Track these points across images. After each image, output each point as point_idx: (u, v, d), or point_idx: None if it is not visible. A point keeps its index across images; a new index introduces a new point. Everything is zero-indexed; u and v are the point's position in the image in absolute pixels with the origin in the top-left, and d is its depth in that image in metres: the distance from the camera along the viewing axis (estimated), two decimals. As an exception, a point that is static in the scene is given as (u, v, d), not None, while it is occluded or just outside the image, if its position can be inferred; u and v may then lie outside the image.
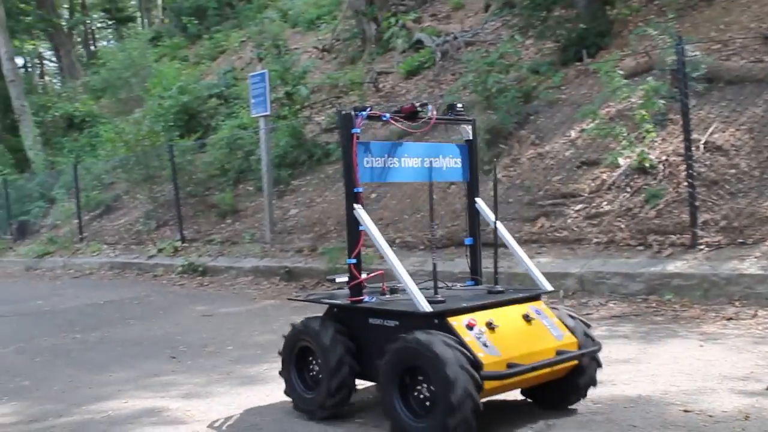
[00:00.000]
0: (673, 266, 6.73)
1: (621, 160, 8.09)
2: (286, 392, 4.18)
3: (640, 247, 7.20)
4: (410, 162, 4.24)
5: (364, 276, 4.04)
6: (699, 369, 4.53)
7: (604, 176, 8.22)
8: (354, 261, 4.04)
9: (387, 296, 4.15)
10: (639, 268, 6.90)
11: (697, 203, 7.00)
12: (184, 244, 12.75)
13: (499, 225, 4.40)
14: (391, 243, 9.21)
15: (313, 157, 12.51)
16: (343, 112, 4.01)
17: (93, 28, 38.10)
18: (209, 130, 15.74)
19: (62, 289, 11.76)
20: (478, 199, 4.51)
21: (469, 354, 3.34)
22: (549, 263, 7.49)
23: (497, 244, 4.40)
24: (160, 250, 12.98)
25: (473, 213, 4.54)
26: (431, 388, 3.38)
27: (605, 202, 7.94)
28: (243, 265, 10.85)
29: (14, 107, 22.74)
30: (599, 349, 3.87)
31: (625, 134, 8.09)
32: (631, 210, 7.63)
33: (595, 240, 7.59)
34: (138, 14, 36.72)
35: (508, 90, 9.72)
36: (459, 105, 4.57)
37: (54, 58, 36.55)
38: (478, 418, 3.33)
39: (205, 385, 4.94)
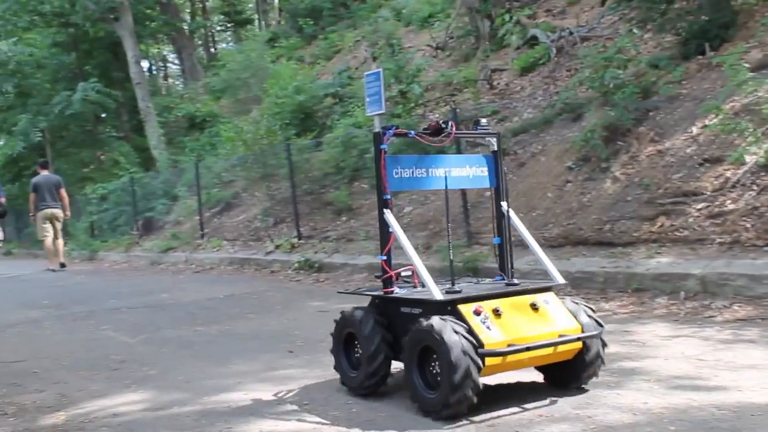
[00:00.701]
0: (803, 267, 6.46)
1: (747, 157, 7.78)
2: (335, 368, 4.75)
3: (768, 248, 6.93)
4: (436, 172, 4.77)
5: (395, 270, 4.68)
6: (832, 375, 4.34)
7: (728, 174, 7.91)
8: (385, 257, 4.61)
9: (418, 288, 4.68)
10: (766, 270, 6.63)
11: (829, 201, 6.69)
12: (301, 241, 13.00)
13: (515, 219, 4.86)
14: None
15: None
16: (374, 131, 4.64)
17: (213, 31, 39.24)
18: (325, 129, 15.99)
19: (185, 283, 12.18)
20: (504, 203, 4.84)
21: (473, 339, 3.84)
22: (669, 263, 7.29)
23: (510, 239, 4.85)
24: (277, 247, 13.27)
25: (500, 215, 4.87)
26: (440, 366, 3.88)
27: (729, 201, 7.65)
28: (358, 262, 10.98)
29: (140, 108, 23.65)
30: (600, 333, 4.24)
31: (751, 130, 7.77)
32: (758, 209, 7.32)
33: (719, 240, 7.33)
34: (255, 17, 37.59)
35: (626, 85, 9.49)
36: (483, 120, 5.15)
37: (177, 61, 37.86)
38: (479, 395, 3.86)
39: (321, 379, 5.03)
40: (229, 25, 39.24)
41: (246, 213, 16.60)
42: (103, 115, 26.91)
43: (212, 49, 37.62)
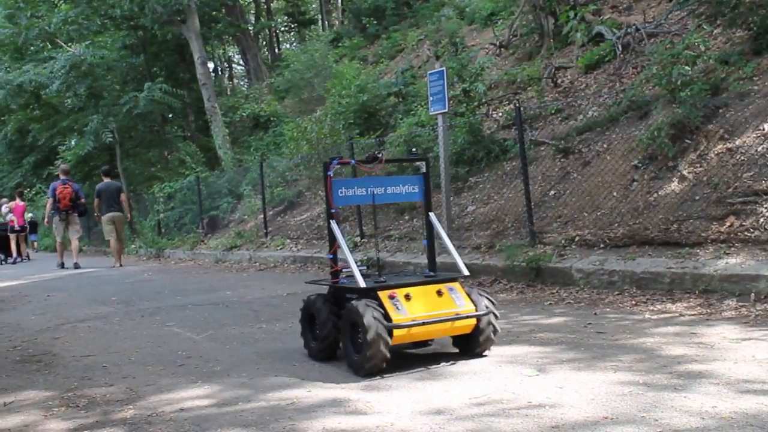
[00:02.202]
0: None
1: (821, 155, 7.57)
2: (303, 338, 6.05)
3: (843, 248, 6.72)
4: (375, 190, 5.90)
5: (343, 265, 5.75)
6: None
7: (802, 172, 7.71)
8: (332, 256, 5.87)
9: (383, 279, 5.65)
10: (841, 270, 6.43)
11: None
12: (363, 240, 13.05)
13: (435, 220, 5.98)
14: (570, 241, 9.07)
15: (490, 154, 12.47)
16: (324, 161, 5.78)
17: (277, 31, 39.63)
18: (388, 128, 16.02)
19: (248, 281, 12.32)
20: (431, 213, 6.00)
21: (383, 312, 5.06)
22: (738, 264, 7.12)
23: (433, 236, 6.07)
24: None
25: (429, 223, 6.04)
26: (361, 334, 5.05)
27: (802, 200, 7.46)
28: (420, 261, 10.95)
29: (206, 109, 24.01)
30: (486, 314, 5.34)
31: (825, 127, 7.56)
32: (832, 208, 7.12)
33: (791, 240, 7.15)
34: (319, 17, 37.86)
35: (694, 82, 9.30)
36: (414, 149, 6.92)
37: (241, 62, 38.34)
38: (388, 353, 5.01)
39: (384, 378, 5.03)
40: (292, 25, 39.65)
41: (309, 212, 16.72)
42: (170, 116, 27.39)
43: (276, 50, 37.98)
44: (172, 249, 20.39)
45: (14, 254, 23.43)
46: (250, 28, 31.58)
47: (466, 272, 5.76)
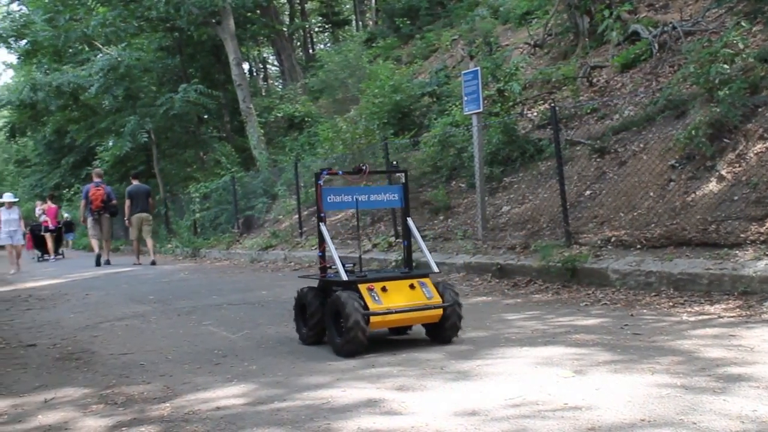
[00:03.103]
0: None
1: None
2: (295, 325, 6.80)
3: None
4: (359, 197, 6.70)
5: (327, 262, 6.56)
6: None
7: (844, 171, 7.58)
8: (321, 254, 6.60)
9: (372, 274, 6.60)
10: None
11: None
12: (398, 240, 13.04)
13: (412, 224, 6.72)
14: (607, 241, 9.00)
15: (525, 154, 12.42)
16: (315, 171, 6.79)
17: (311, 32, 39.76)
18: (422, 128, 16.01)
19: (283, 281, 12.37)
20: (409, 218, 6.76)
21: (361, 301, 5.82)
22: (779, 265, 7.02)
23: (410, 238, 6.82)
24: (374, 245, 13.36)
25: (406, 226, 6.80)
26: (342, 320, 5.81)
27: None
28: (455, 261, 10.96)
29: (241, 109, 24.17)
30: (451, 305, 6.09)
31: None
32: None
33: (833, 240, 7.03)
34: (353, 17, 37.94)
35: (732, 81, 9.18)
36: (395, 162, 7.61)
37: (276, 63, 38.53)
38: (366, 336, 5.82)
39: (418, 378, 5.02)
40: (327, 26, 39.76)
41: (344, 212, 16.75)
42: (206, 117, 27.61)
43: (311, 50, 38.11)
44: (208, 248, 20.55)
45: (51, 253, 24.62)
46: (284, 28, 31.67)
47: (436, 269, 6.56)
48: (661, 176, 9.61)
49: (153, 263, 18.33)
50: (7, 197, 18.50)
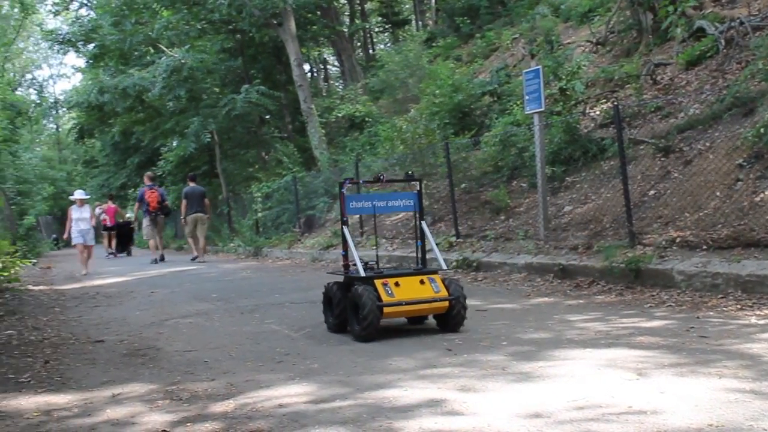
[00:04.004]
0: None
1: None
2: (324, 315, 7.59)
3: None
4: (377, 204, 7.67)
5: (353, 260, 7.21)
6: None
7: None
8: (344, 253, 7.50)
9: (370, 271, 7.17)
10: None
11: None
12: (459, 240, 13.02)
13: (425, 226, 7.63)
14: (671, 242, 8.85)
15: (587, 153, 12.28)
16: (339, 182, 7.89)
17: (371, 32, 39.86)
18: (483, 128, 15.94)
19: (345, 281, 12.42)
20: (423, 221, 7.60)
21: (376, 294, 6.68)
22: None
23: (424, 239, 7.61)
24: (435, 245, 13.32)
25: (421, 228, 7.60)
26: (361, 311, 6.66)
27: None
28: (516, 261, 10.88)
29: (302, 110, 24.32)
30: (456, 298, 6.85)
31: None
32: None
33: None
34: (412, 17, 37.91)
35: (804, 77, 8.96)
36: (410, 172, 8.51)
37: (337, 63, 38.72)
38: (378, 324, 6.66)
39: (480, 379, 5.01)
40: (386, 26, 39.76)
41: (405, 213, 16.75)
42: (267, 117, 27.87)
43: (371, 51, 38.22)
44: (270, 248, 20.76)
45: (112, 249, 25.86)
46: (344, 29, 31.79)
47: (444, 267, 7.43)
48: (728, 175, 9.41)
49: (194, 259, 19.83)
50: (79, 194, 17.73)
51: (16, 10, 36.77)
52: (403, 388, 4.88)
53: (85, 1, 34.92)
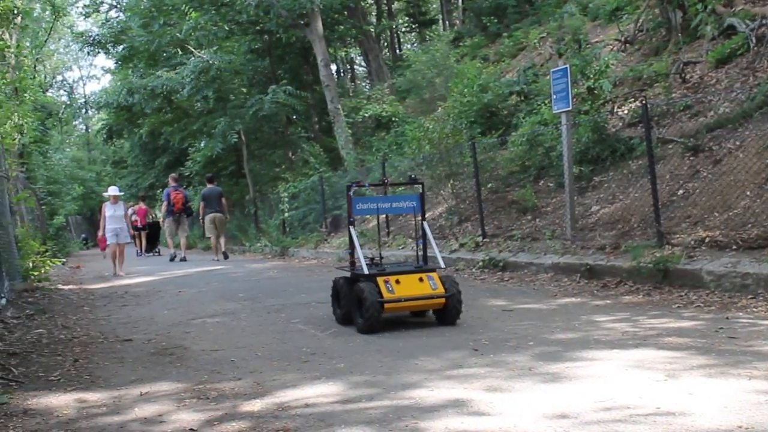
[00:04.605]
0: None
1: None
2: (332, 308, 8.26)
3: None
4: (382, 205, 8.29)
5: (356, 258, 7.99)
6: None
7: None
8: (351, 252, 8.10)
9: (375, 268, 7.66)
10: None
11: None
12: (485, 240, 12.98)
13: (427, 227, 8.14)
14: (700, 242, 8.76)
15: (615, 153, 12.20)
16: (347, 185, 8.38)
17: (398, 32, 39.87)
18: (509, 127, 15.88)
19: (371, 280, 12.42)
20: (424, 222, 8.14)
21: (378, 290, 7.20)
22: None
23: (425, 238, 8.09)
24: (462, 245, 13.32)
25: (423, 229, 8.09)
26: (363, 306, 7.21)
27: None
28: (543, 261, 10.83)
29: (329, 110, 24.38)
30: (452, 294, 7.31)
31: None
32: None
33: None
34: (439, 17, 37.87)
35: (836, 75, 8.83)
36: (412, 175, 8.75)
37: (363, 63, 38.77)
38: (380, 318, 7.16)
39: (506, 379, 4.99)
40: (413, 26, 39.75)
41: (431, 211, 16.74)
42: (294, 117, 27.98)
43: (397, 51, 38.23)
44: (296, 247, 20.82)
45: (141, 249, 26.41)
46: (371, 29, 31.80)
47: (442, 266, 7.88)
48: (758, 175, 9.30)
49: (225, 256, 20.31)
50: (113, 191, 17.23)
51: (47, 12, 37.14)
52: (429, 389, 4.87)
53: (115, 4, 35.30)
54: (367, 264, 7.63)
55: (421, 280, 7.40)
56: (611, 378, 4.85)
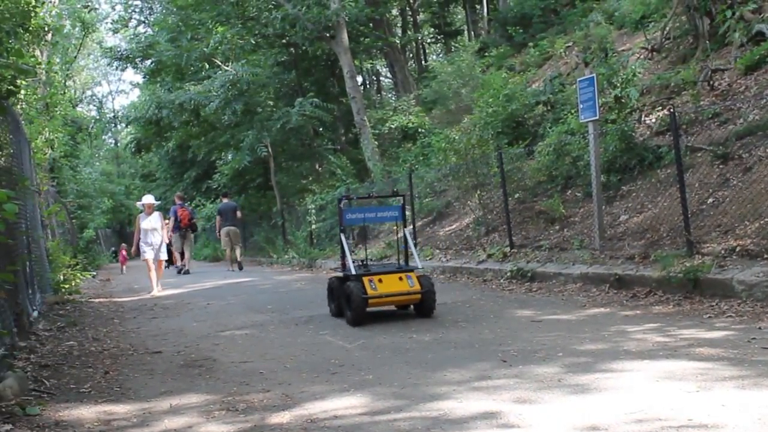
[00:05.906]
0: None
1: None
2: (327, 304, 9.72)
3: None
4: (368, 214, 9.97)
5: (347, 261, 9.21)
6: None
7: None
8: (342, 256, 9.34)
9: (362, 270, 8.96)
10: None
11: None
12: (513, 250, 12.93)
13: (407, 233, 9.63)
14: (731, 251, 8.67)
15: (643, 162, 12.11)
16: (337, 197, 10.66)
17: (424, 43, 39.92)
18: (536, 137, 15.83)
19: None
20: (405, 229, 9.65)
21: (363, 288, 8.47)
22: None
23: (406, 243, 9.59)
24: (489, 256, 13.28)
25: (405, 236, 9.59)
26: (350, 301, 8.50)
27: None
28: (571, 271, 10.77)
29: (355, 122, 24.45)
30: (426, 291, 8.73)
31: None
32: None
33: None
34: (465, 28, 37.87)
35: None
36: (395, 189, 10.42)
37: (389, 75, 38.86)
38: (364, 311, 8.50)
39: (535, 391, 4.97)
40: (439, 37, 39.77)
41: (458, 222, 16.73)
42: (321, 129, 28.09)
43: (423, 62, 38.26)
44: (324, 259, 20.83)
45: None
46: (397, 41, 31.90)
47: (420, 266, 9.35)
48: (789, 183, 9.19)
49: (240, 267, 21.31)
50: (147, 199, 15.40)
51: (77, 29, 37.68)
52: (458, 400, 4.86)
53: (143, 19, 35.69)
54: (356, 266, 9.01)
55: (400, 279, 8.77)
56: (642, 389, 4.81)
